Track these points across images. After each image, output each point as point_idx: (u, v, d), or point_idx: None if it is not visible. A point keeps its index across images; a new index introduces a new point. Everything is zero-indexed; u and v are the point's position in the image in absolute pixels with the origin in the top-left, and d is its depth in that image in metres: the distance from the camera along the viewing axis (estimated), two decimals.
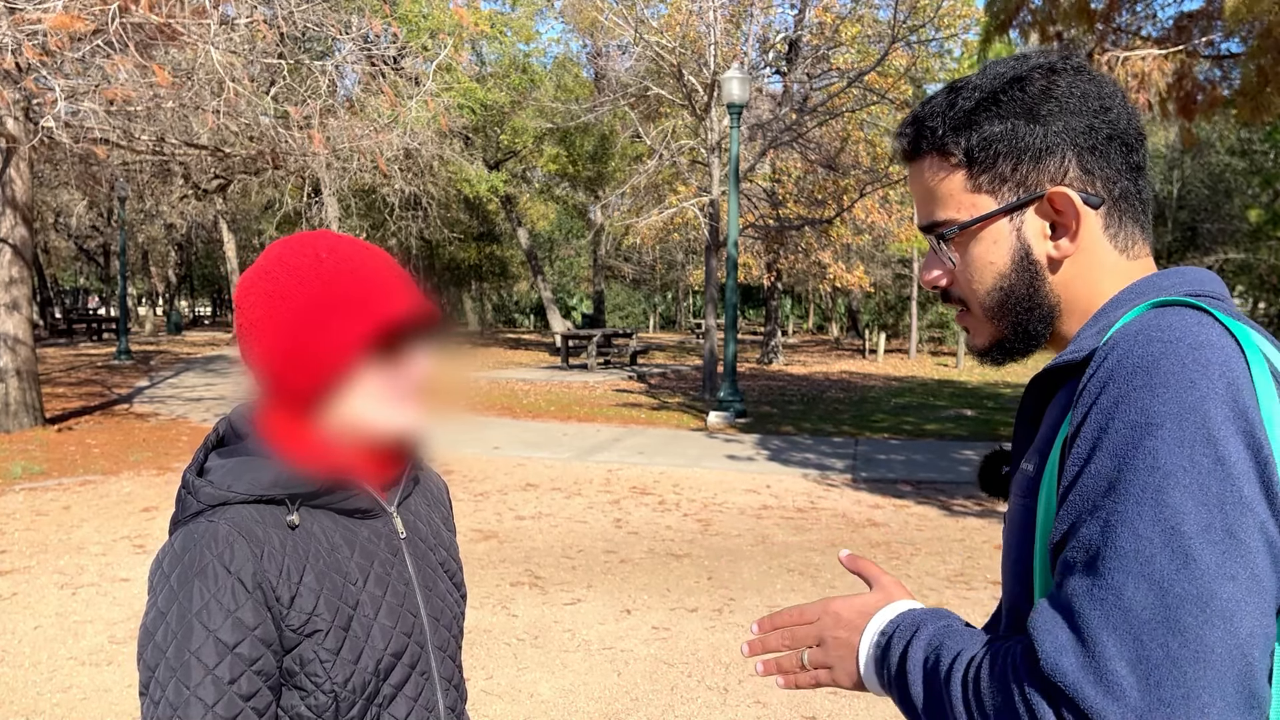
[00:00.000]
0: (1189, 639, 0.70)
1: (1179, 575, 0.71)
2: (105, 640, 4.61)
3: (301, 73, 13.26)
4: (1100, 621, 0.72)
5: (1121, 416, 0.76)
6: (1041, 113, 0.91)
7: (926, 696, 0.87)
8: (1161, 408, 0.75)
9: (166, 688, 0.97)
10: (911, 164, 1.00)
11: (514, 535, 6.80)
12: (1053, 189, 0.91)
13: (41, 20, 8.34)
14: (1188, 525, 0.72)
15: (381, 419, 1.10)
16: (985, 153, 0.93)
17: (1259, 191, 26.65)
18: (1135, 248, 0.94)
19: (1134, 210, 0.94)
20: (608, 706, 3.97)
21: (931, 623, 0.92)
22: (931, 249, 1.00)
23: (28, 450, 9.86)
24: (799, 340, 39.66)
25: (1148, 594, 0.71)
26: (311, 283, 1.06)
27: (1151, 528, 0.72)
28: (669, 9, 18.15)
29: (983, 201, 0.94)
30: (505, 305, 52.17)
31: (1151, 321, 0.81)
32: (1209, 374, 0.75)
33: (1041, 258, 0.93)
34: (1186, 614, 0.70)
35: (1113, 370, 0.79)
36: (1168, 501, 0.72)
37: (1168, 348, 0.77)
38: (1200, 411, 0.74)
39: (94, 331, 29.25)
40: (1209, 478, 0.72)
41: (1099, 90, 0.93)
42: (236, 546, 1.01)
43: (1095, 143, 0.91)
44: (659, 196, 22.94)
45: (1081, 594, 0.74)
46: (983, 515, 7.70)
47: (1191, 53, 9.43)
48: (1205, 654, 0.70)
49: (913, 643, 0.90)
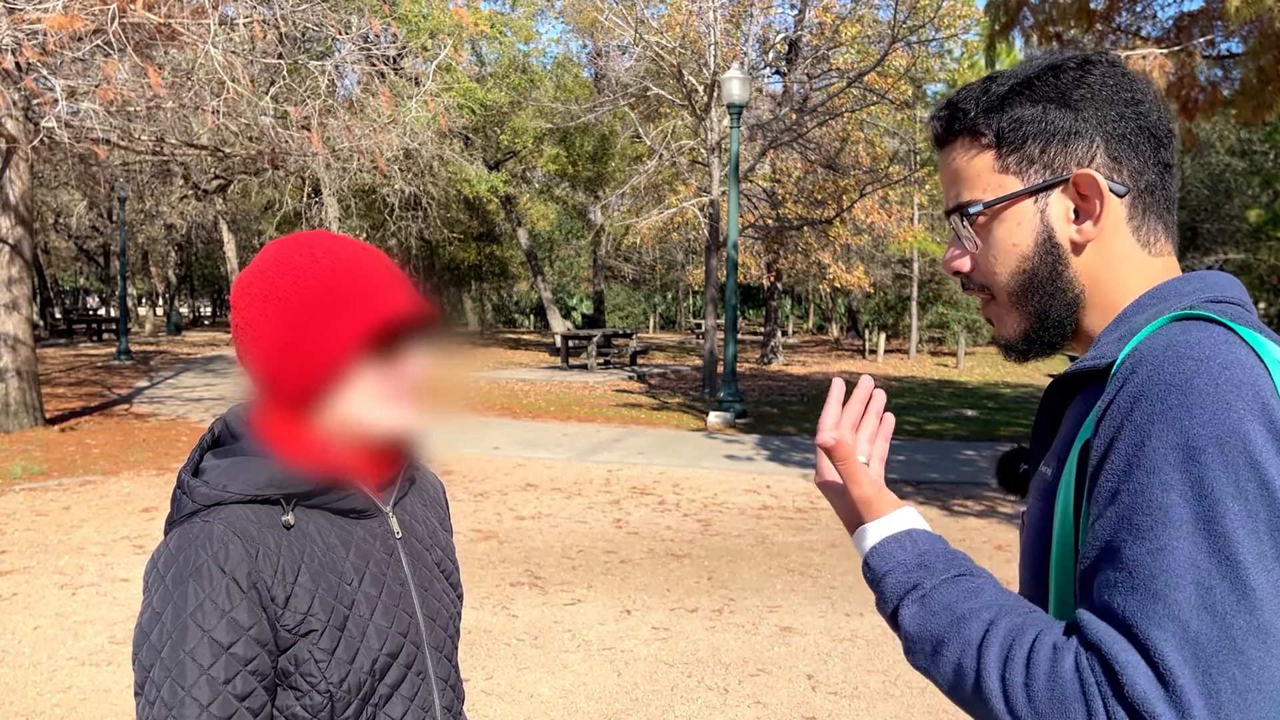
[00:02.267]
0: (1253, 670, 0.72)
1: (1240, 606, 0.72)
2: (105, 640, 4.61)
3: (301, 73, 13.26)
4: (1174, 654, 0.73)
5: (1159, 436, 0.77)
6: (1073, 98, 0.92)
7: (933, 663, 0.84)
8: (1201, 430, 0.75)
9: (161, 688, 0.96)
10: (943, 148, 1.00)
11: (514, 535, 6.79)
12: (1079, 171, 0.91)
13: (41, 20, 8.34)
14: (1243, 554, 0.73)
15: (377, 419, 1.10)
16: (1015, 133, 0.93)
17: (1259, 191, 26.67)
18: (1158, 244, 0.94)
19: (1158, 206, 0.94)
20: (608, 707, 3.96)
21: (929, 578, 0.88)
22: (955, 232, 1.00)
23: (28, 450, 9.86)
24: (799, 340, 39.66)
25: (1211, 626, 0.73)
26: (307, 283, 1.06)
27: (1208, 558, 0.73)
28: (669, 9, 18.14)
29: (1009, 182, 0.94)
30: (505, 305, 52.18)
31: (1179, 337, 0.81)
32: (1243, 394, 0.76)
33: (1064, 241, 0.93)
34: (1250, 645, 0.72)
35: (1143, 386, 0.79)
36: (1220, 531, 0.74)
37: (1199, 366, 0.78)
38: (1240, 434, 0.75)
39: (94, 332, 29.25)
40: (1257, 504, 0.74)
41: (1132, 84, 0.93)
42: (231, 546, 1.00)
43: (1125, 132, 0.92)
44: (659, 196, 22.95)
45: (1149, 622, 0.74)
46: (983, 515, 7.70)
47: (1191, 52, 9.43)
48: (1268, 684, 0.72)
49: (906, 602, 0.87)
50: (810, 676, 4.28)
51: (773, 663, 4.44)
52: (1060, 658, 0.78)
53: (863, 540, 0.94)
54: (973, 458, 10.46)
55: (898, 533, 0.92)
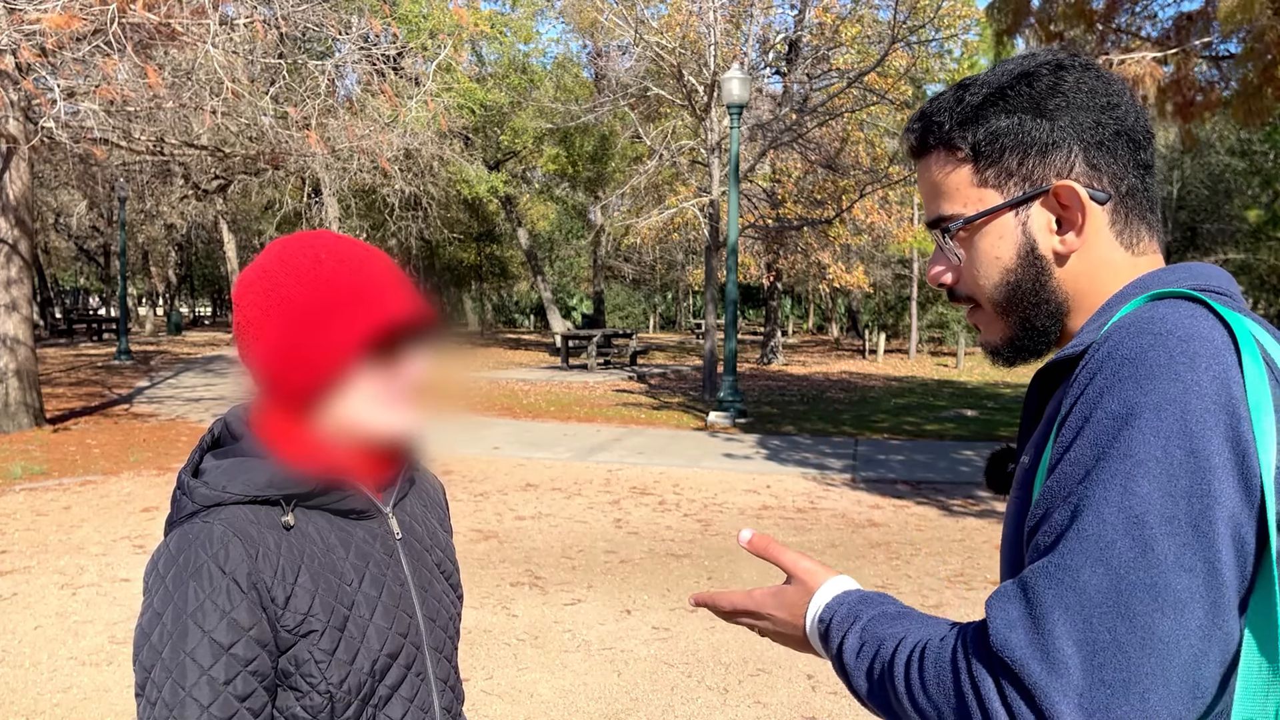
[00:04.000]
0: (1137, 625, 0.71)
1: (1136, 563, 0.72)
2: (105, 640, 4.61)
3: (301, 73, 13.26)
4: (1053, 600, 0.74)
5: (1104, 407, 0.77)
6: (1049, 107, 0.91)
7: (868, 684, 0.88)
8: (1143, 399, 0.75)
9: (162, 688, 0.97)
10: (919, 160, 1.00)
11: (514, 535, 6.80)
12: (1058, 183, 0.91)
13: (40, 20, 8.34)
14: (1151, 515, 0.73)
15: (377, 420, 1.10)
16: (991, 147, 0.93)
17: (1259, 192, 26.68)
18: (1142, 244, 0.94)
19: (1141, 207, 0.93)
20: (608, 707, 3.97)
21: (867, 610, 0.92)
22: (937, 245, 1.00)
23: (28, 450, 9.86)
24: (799, 340, 39.66)
25: (1103, 578, 0.72)
26: (310, 283, 1.06)
27: (1116, 514, 0.73)
28: (669, 9, 18.14)
29: (989, 196, 0.94)
30: (505, 305, 52.19)
31: (1145, 314, 0.81)
32: (1195, 366, 0.75)
33: (1047, 252, 0.93)
34: (1138, 601, 0.71)
35: (1102, 362, 0.79)
36: (1135, 490, 0.73)
37: (1157, 339, 0.77)
38: (1181, 404, 0.74)
39: (94, 332, 29.26)
40: (1179, 469, 0.73)
41: (1107, 87, 0.92)
42: (231, 547, 1.01)
43: (1102, 139, 0.91)
44: (659, 197, 22.96)
45: (1039, 573, 0.76)
46: (983, 515, 7.70)
47: (1189, 53, 9.43)
48: (1152, 641, 0.71)
49: (849, 634, 0.92)
50: (810, 676, 4.29)
51: (773, 663, 4.44)
52: (946, 642, 0.82)
53: (819, 600, 0.98)
54: (972, 458, 10.46)
55: (849, 589, 0.98)
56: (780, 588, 1.03)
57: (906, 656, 0.84)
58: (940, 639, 0.83)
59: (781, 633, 1.03)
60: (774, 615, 1.02)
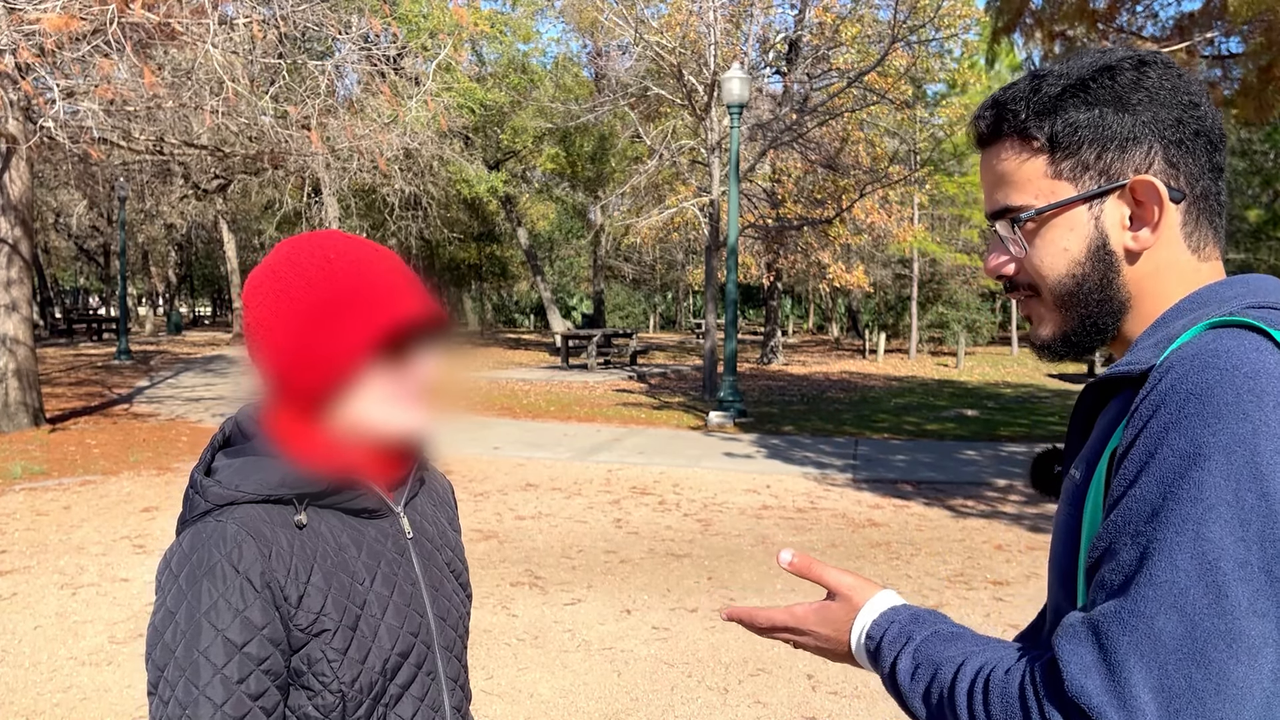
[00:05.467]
0: (1212, 672, 0.71)
1: (1210, 609, 0.72)
2: (105, 640, 4.61)
3: (301, 73, 13.26)
4: (1129, 647, 0.73)
5: (1170, 444, 0.76)
6: (1131, 102, 0.90)
7: (926, 709, 0.88)
8: (1212, 439, 0.75)
9: (175, 687, 0.97)
10: (986, 149, 0.98)
11: (514, 535, 6.80)
12: (1137, 178, 0.90)
13: (39, 21, 8.33)
14: (1225, 561, 0.72)
15: (388, 420, 1.11)
16: (1070, 138, 0.91)
17: (1259, 192, 26.69)
18: (1207, 249, 0.93)
19: (1210, 211, 0.92)
20: (608, 706, 3.97)
21: (919, 631, 0.92)
22: (997, 236, 0.99)
23: (28, 450, 9.86)
24: (799, 340, 39.67)
25: (1178, 625, 0.72)
26: (320, 283, 1.06)
27: (1189, 560, 0.73)
28: (669, 9, 18.14)
29: (1062, 188, 0.92)
30: (505, 305, 52.20)
31: (1209, 345, 0.80)
32: (1263, 405, 0.75)
33: (1118, 248, 0.92)
34: (1213, 648, 0.71)
35: (1165, 395, 0.78)
36: (1207, 535, 0.73)
37: (1223, 375, 0.77)
38: (1250, 445, 0.74)
39: (94, 331, 29.26)
40: (1251, 514, 0.73)
41: (1188, 86, 0.91)
42: (245, 546, 1.01)
43: (1183, 137, 0.90)
44: (659, 196, 22.96)
45: (1112, 619, 0.75)
46: (983, 516, 7.71)
47: (1191, 51, 9.43)
48: (1227, 687, 0.71)
49: (901, 655, 0.91)
50: (810, 676, 4.29)
51: (773, 663, 4.44)
52: (1012, 676, 0.81)
53: (865, 617, 0.98)
54: (973, 458, 10.46)
55: (895, 605, 0.98)
56: (824, 604, 1.03)
57: (969, 686, 0.84)
58: (1005, 671, 0.82)
59: (824, 648, 1.03)
60: (816, 631, 1.02)
